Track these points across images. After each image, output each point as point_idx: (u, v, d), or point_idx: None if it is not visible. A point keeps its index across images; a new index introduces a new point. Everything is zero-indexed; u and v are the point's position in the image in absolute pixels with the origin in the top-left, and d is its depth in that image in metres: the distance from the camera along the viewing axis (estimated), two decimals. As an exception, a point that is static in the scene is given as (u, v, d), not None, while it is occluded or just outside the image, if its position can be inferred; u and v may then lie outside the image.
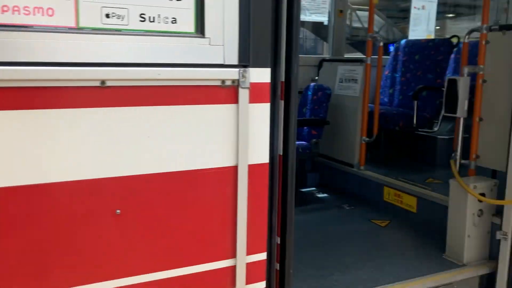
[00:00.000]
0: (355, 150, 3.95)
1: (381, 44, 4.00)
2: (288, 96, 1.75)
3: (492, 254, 2.72)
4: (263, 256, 1.81)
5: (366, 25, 5.03)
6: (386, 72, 4.70)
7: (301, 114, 4.01)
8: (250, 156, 1.68)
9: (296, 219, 1.89)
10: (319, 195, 4.94)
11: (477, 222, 2.67)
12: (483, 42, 2.66)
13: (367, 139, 3.89)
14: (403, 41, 4.71)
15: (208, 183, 1.62)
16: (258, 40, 1.64)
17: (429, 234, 3.09)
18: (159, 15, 1.50)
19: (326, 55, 5.30)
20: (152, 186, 1.55)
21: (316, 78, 4.60)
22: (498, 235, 2.56)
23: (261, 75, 1.67)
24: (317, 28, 7.21)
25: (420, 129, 4.00)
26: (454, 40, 4.22)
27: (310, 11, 5.76)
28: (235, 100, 1.62)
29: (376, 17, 6.88)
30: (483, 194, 2.63)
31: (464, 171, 2.80)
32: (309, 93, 4.02)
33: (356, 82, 3.98)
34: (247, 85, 1.62)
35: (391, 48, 4.92)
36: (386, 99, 4.62)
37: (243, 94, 1.62)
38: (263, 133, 1.71)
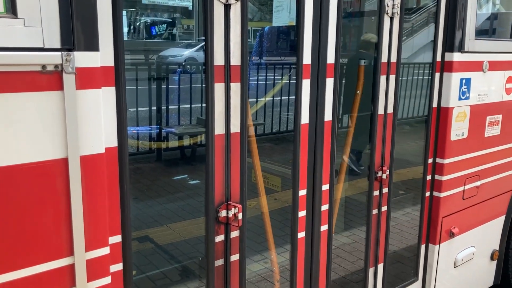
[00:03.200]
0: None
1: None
2: (118, 82, 1.66)
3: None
4: (105, 251, 1.72)
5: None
6: (253, 58, 4.78)
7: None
8: (82, 146, 1.58)
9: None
10: (191, 182, 4.91)
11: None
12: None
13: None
14: (266, 28, 4.82)
15: (31, 178, 1.49)
16: (84, 22, 1.53)
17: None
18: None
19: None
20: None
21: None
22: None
23: (90, 59, 1.56)
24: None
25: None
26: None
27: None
28: (60, 86, 1.50)
29: (250, 5, 7.01)
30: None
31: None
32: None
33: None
34: (73, 70, 1.50)
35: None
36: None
37: (68, 79, 1.50)
38: (96, 121, 1.60)
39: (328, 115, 2.50)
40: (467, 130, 3.25)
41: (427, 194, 3.21)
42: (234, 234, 2.18)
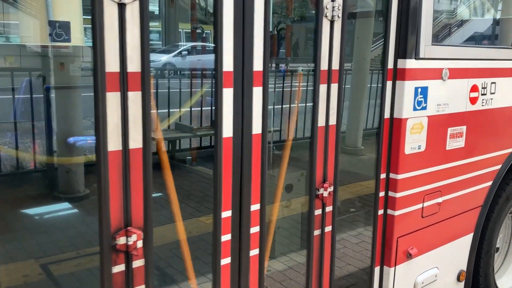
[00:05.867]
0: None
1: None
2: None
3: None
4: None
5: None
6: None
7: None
8: None
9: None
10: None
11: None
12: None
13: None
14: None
15: None
16: None
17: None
18: None
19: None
20: None
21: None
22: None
23: None
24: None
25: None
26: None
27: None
28: None
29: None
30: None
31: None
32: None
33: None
34: None
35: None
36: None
37: None
38: None
39: (257, 128, 2.26)
40: (425, 143, 3.01)
41: (380, 212, 2.96)
42: (138, 263, 1.93)
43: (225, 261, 2.25)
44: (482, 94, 3.36)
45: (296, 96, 2.79)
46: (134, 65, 1.81)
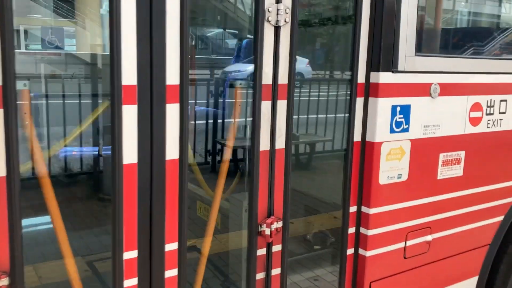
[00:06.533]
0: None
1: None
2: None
3: None
4: None
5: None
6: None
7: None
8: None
9: None
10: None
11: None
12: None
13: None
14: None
15: None
16: None
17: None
18: None
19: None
20: None
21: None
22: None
23: None
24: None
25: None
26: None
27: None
28: None
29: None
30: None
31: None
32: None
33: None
34: None
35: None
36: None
37: None
38: None
39: (172, 152, 1.90)
40: (407, 171, 2.54)
41: (350, 251, 2.51)
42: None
43: (129, 310, 1.89)
44: (487, 114, 2.85)
45: (234, 113, 2.39)
46: None
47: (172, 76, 1.85)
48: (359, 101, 2.39)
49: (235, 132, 2.36)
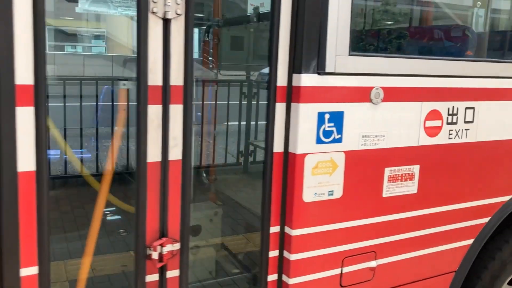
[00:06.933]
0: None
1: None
2: None
3: None
4: None
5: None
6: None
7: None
8: None
9: None
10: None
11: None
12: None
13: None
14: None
15: None
16: None
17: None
18: None
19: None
20: None
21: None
22: None
23: None
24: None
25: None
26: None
27: (116, 3, 4.97)
28: None
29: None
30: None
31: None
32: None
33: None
34: None
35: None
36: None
37: None
38: None
39: (25, 164, 1.65)
40: (341, 187, 2.21)
41: (272, 278, 2.21)
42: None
43: None
44: (449, 123, 2.48)
45: (119, 120, 2.12)
46: None
47: (25, 76, 1.60)
48: (281, 107, 2.09)
49: (119, 141, 2.09)
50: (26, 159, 1.63)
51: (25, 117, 1.61)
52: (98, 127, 4.92)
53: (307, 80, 2.04)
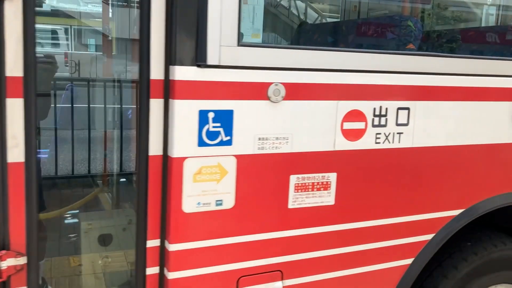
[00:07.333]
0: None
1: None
2: None
3: None
4: None
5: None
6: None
7: None
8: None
9: None
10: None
11: None
12: None
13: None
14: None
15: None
16: None
17: None
18: None
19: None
20: None
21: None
22: None
23: None
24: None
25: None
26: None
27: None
28: None
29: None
30: None
31: None
32: None
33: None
34: None
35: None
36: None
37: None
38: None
39: None
40: (233, 197, 1.93)
41: (150, 299, 1.94)
42: None
43: None
44: (375, 126, 2.17)
45: None
46: None
47: None
48: (157, 103, 1.82)
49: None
50: None
51: None
52: None
53: (183, 73, 1.78)
